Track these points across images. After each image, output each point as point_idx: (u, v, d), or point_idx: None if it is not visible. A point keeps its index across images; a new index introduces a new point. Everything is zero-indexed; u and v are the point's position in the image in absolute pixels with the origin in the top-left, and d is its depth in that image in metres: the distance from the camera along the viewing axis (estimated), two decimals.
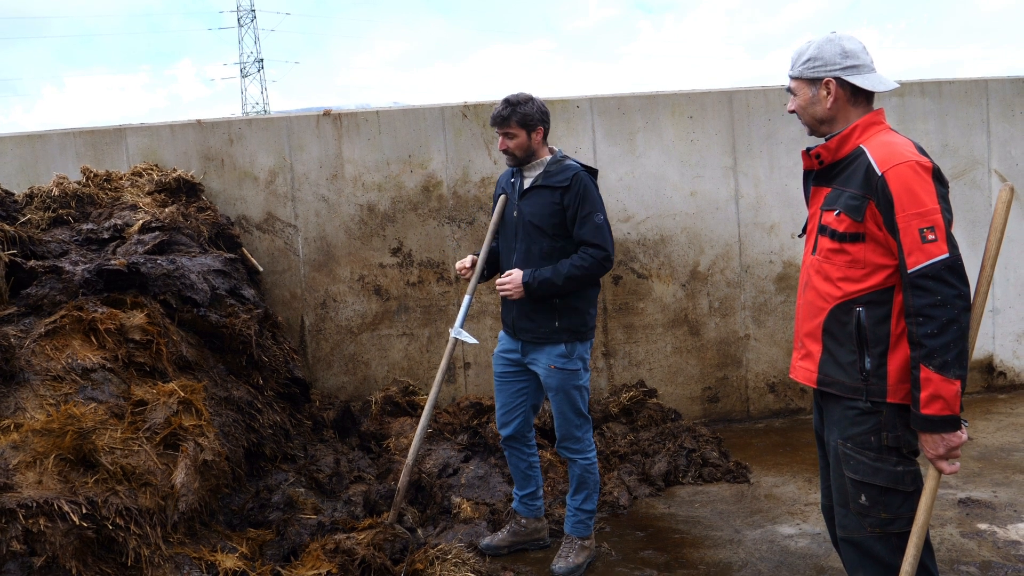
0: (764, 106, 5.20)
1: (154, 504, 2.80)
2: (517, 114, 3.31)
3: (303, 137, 5.02)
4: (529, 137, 3.34)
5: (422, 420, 3.51)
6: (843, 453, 2.22)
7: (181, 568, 2.73)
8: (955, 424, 2.05)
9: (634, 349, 5.25)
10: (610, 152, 5.13)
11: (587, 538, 3.55)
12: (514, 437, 3.60)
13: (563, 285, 3.22)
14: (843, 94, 2.22)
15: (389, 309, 5.09)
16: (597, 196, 3.33)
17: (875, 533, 2.19)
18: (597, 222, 3.27)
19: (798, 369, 2.37)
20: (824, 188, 2.28)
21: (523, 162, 3.41)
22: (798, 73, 2.27)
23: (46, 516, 2.43)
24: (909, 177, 2.05)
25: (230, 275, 4.13)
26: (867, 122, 2.21)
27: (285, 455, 3.84)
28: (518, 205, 3.41)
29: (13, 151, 5.00)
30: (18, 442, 2.63)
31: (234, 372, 3.81)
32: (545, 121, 3.36)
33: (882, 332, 2.16)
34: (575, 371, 3.40)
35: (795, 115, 2.36)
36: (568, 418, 3.44)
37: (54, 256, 3.64)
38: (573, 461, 3.50)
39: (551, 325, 3.35)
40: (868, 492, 2.18)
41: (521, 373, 3.53)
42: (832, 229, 2.18)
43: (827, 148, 2.24)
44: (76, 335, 3.14)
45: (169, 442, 3.02)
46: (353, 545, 3.12)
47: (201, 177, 4.95)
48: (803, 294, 2.34)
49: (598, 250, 3.25)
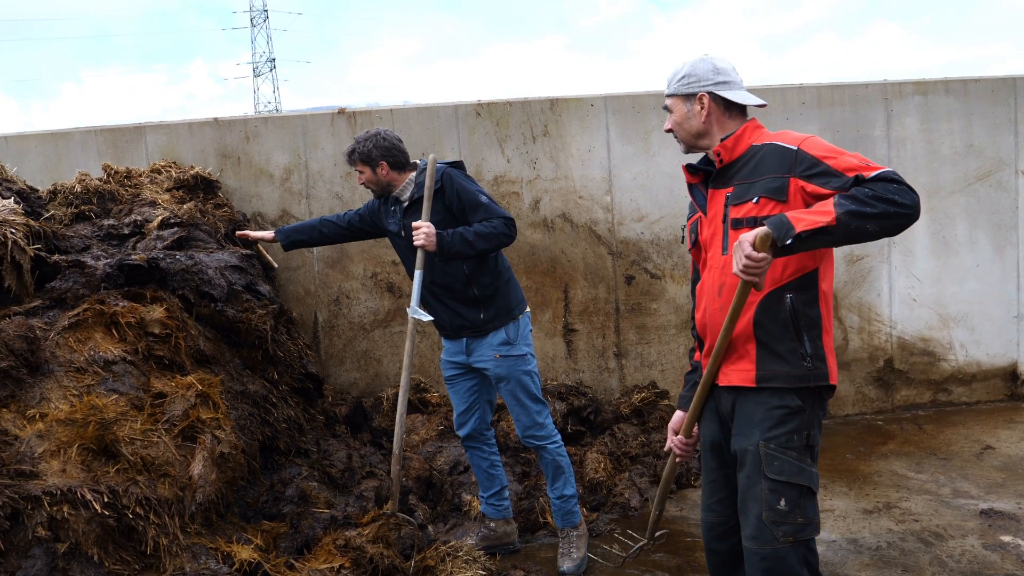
0: (781, 105, 5.21)
1: (172, 495, 2.86)
2: (357, 153, 3.42)
3: (318, 135, 5.07)
4: (375, 172, 3.43)
5: (399, 406, 3.40)
6: (765, 454, 2.18)
7: (198, 558, 2.79)
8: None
9: (646, 350, 5.29)
10: (624, 151, 5.16)
11: (579, 525, 3.59)
12: (472, 436, 3.66)
13: (473, 240, 3.23)
14: (716, 108, 2.33)
15: (401, 306, 5.14)
16: (470, 182, 3.40)
17: (787, 543, 2.16)
18: (483, 202, 3.33)
19: (730, 374, 2.28)
20: (723, 189, 2.30)
21: (384, 192, 3.51)
22: (673, 90, 2.38)
23: (70, 504, 2.49)
24: (822, 142, 2.17)
25: (246, 271, 4.19)
26: (752, 126, 2.34)
27: (299, 449, 3.89)
28: (402, 224, 3.46)
29: (37, 149, 5.08)
30: (43, 431, 2.70)
31: (250, 366, 3.86)
32: (387, 155, 3.40)
33: (814, 315, 2.20)
34: (521, 356, 3.46)
35: (672, 134, 2.43)
36: (526, 405, 3.48)
37: (77, 251, 3.71)
38: (542, 448, 3.52)
39: (477, 317, 3.42)
40: (788, 495, 2.16)
41: (467, 373, 3.59)
42: (752, 217, 2.18)
43: (725, 147, 2.30)
44: (98, 328, 3.20)
45: (187, 434, 3.08)
46: (362, 542, 3.17)
47: (218, 174, 5.01)
48: (717, 299, 2.30)
49: (497, 219, 3.29)
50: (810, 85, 5.28)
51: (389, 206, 3.56)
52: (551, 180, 5.15)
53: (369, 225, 3.69)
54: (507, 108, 5.10)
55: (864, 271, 5.41)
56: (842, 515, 3.95)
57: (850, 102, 5.28)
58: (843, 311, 5.42)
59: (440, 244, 3.22)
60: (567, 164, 5.14)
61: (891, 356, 5.50)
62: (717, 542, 2.47)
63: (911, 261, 5.44)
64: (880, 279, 5.44)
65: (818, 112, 5.25)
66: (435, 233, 3.21)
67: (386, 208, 3.58)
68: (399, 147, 3.44)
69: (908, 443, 4.93)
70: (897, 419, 5.38)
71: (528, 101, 5.11)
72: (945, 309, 5.49)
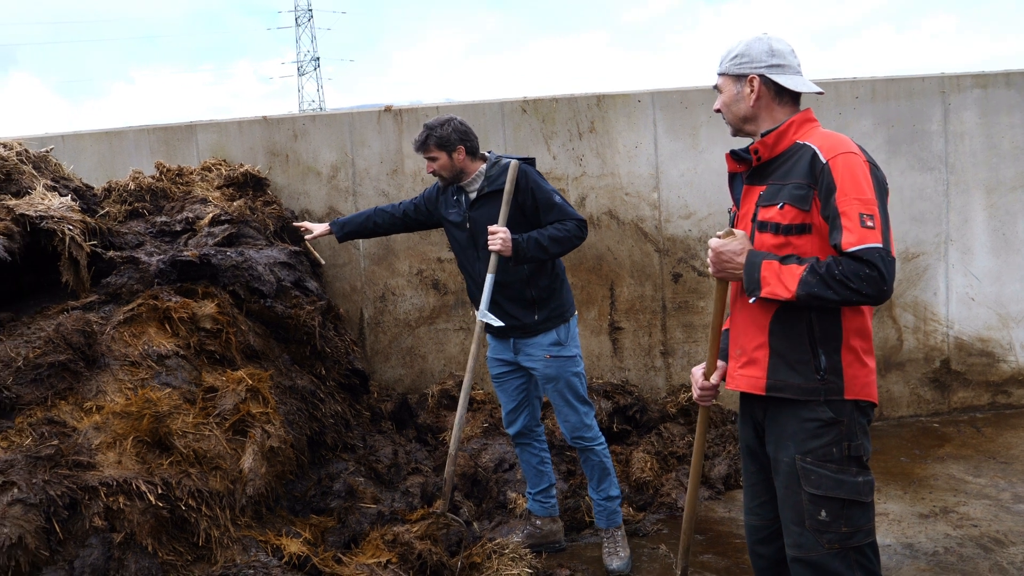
0: (835, 99, 5.11)
1: (223, 487, 2.90)
2: (433, 137, 3.38)
3: (364, 133, 5.10)
4: (451, 158, 3.38)
5: (459, 408, 3.47)
6: (802, 468, 2.13)
7: (248, 550, 2.82)
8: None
9: (693, 348, 5.22)
10: (672, 147, 5.10)
11: (621, 525, 3.57)
12: (522, 433, 3.64)
13: (548, 246, 3.22)
14: (767, 92, 2.22)
15: (446, 303, 5.15)
16: (542, 180, 3.37)
17: (833, 550, 2.11)
18: (557, 202, 3.31)
19: (739, 378, 2.26)
20: (758, 186, 2.23)
21: (454, 181, 3.46)
22: (724, 69, 2.27)
23: (125, 495, 2.54)
24: (854, 165, 2.04)
25: (295, 267, 4.23)
26: (801, 119, 2.21)
27: (345, 444, 3.92)
28: (469, 217, 3.42)
29: (92, 147, 5.19)
30: (100, 423, 2.75)
31: (298, 362, 3.90)
32: (465, 140, 3.38)
33: (834, 328, 2.12)
34: (571, 357, 3.44)
35: (720, 114, 2.34)
36: (574, 407, 3.46)
37: (131, 247, 3.78)
38: (590, 451, 3.50)
39: (531, 318, 3.39)
40: (829, 507, 2.11)
41: (516, 371, 3.57)
42: (775, 223, 2.12)
43: (764, 144, 2.20)
44: (152, 323, 3.26)
45: (237, 428, 3.12)
46: (411, 538, 3.18)
47: (267, 172, 5.07)
48: (737, 301, 2.28)
49: (571, 220, 3.27)
50: (864, 78, 5.16)
51: (450, 195, 3.53)
52: (597, 177, 5.11)
53: (424, 215, 3.67)
54: (553, 105, 5.08)
55: (920, 269, 5.27)
56: (897, 519, 3.86)
57: (906, 96, 5.15)
58: (897, 310, 5.29)
59: (516, 250, 3.21)
60: (613, 161, 5.10)
61: (948, 357, 5.35)
62: (761, 546, 2.42)
63: (969, 259, 5.28)
64: (936, 277, 5.29)
65: (872, 106, 5.13)
66: (511, 238, 3.20)
67: (446, 198, 3.55)
68: (473, 133, 3.43)
69: (965, 446, 4.79)
70: (954, 421, 5.23)
71: (574, 97, 5.08)
72: (1005, 308, 5.32)
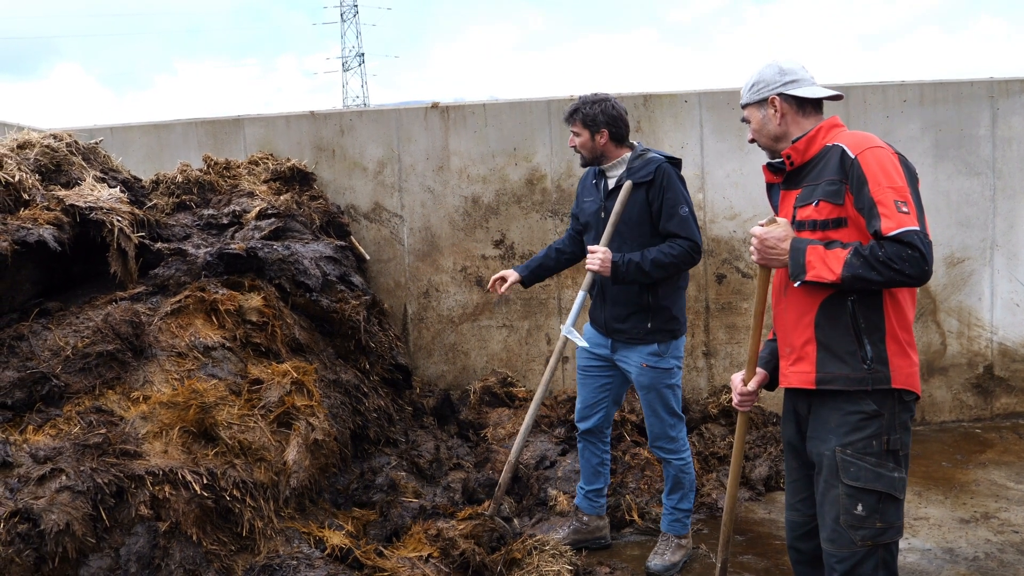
0: (882, 103, 4.99)
1: (267, 479, 2.91)
2: (580, 113, 3.31)
3: (411, 129, 5.10)
4: (592, 138, 3.32)
5: (527, 418, 3.46)
6: (842, 460, 2.20)
7: (291, 542, 2.83)
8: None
9: (736, 350, 5.14)
10: (718, 148, 5.02)
11: (684, 536, 3.50)
12: (592, 431, 3.57)
13: (649, 271, 3.15)
14: (789, 108, 2.35)
15: (490, 300, 5.13)
16: (682, 187, 3.27)
17: (866, 546, 2.18)
18: (682, 214, 3.21)
19: (790, 376, 2.34)
20: (794, 191, 2.33)
21: (593, 162, 3.40)
22: (747, 100, 2.42)
23: (171, 484, 2.56)
24: (882, 158, 2.14)
25: (340, 262, 4.25)
26: (829, 124, 2.32)
27: (388, 439, 3.93)
28: (604, 205, 3.36)
29: (140, 139, 5.27)
30: (147, 413, 2.79)
31: (342, 356, 3.92)
32: (613, 124, 3.30)
33: (877, 318, 2.19)
34: (668, 370, 3.34)
35: (755, 143, 2.46)
36: (661, 417, 3.38)
37: (178, 239, 3.83)
38: (668, 462, 3.45)
39: (644, 327, 3.30)
40: (866, 500, 2.17)
41: (607, 368, 3.49)
42: (812, 220, 2.22)
43: (796, 149, 2.31)
44: (199, 315, 3.29)
45: (282, 420, 3.13)
46: (455, 535, 3.16)
47: (313, 167, 5.10)
48: (781, 300, 2.37)
49: (686, 241, 3.19)
50: (912, 82, 5.05)
51: (589, 180, 3.48)
52: None
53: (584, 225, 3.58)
54: None
55: (965, 274, 5.14)
56: (937, 524, 3.77)
57: (953, 100, 5.03)
58: (941, 315, 5.16)
59: (614, 273, 3.17)
60: None
61: (991, 362, 5.21)
62: (800, 541, 2.48)
63: (1015, 265, 5.14)
64: (981, 282, 5.15)
65: (920, 110, 5.01)
66: (611, 260, 3.16)
67: (585, 184, 3.51)
68: (624, 119, 3.36)
69: (1008, 452, 4.68)
70: (996, 427, 5.11)
71: (621, 97, 5.02)
72: None
